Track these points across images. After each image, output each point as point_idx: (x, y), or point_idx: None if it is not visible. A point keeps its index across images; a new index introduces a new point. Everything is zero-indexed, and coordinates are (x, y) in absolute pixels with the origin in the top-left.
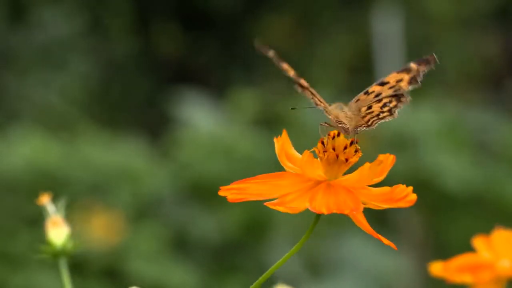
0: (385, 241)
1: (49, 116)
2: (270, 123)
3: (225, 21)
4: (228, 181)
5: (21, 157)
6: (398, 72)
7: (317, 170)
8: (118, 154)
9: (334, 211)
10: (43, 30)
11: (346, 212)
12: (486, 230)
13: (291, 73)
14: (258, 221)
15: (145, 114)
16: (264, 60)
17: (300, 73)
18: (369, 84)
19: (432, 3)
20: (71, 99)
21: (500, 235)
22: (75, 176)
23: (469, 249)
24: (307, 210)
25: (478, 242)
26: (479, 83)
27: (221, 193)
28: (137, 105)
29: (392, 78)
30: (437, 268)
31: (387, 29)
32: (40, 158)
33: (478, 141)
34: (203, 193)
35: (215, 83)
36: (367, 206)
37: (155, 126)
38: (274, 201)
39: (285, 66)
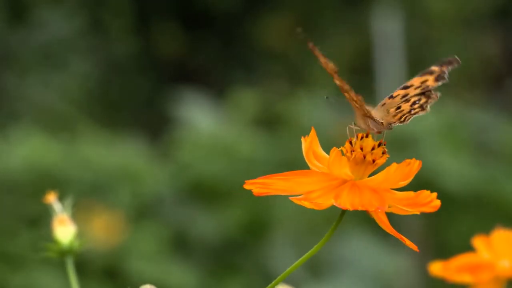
0: (407, 241)
1: (49, 116)
2: (270, 123)
3: (225, 21)
4: (228, 181)
5: (21, 157)
6: (420, 76)
7: (344, 168)
8: (118, 154)
9: (359, 208)
10: (43, 30)
11: (371, 209)
12: (486, 230)
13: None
14: (258, 221)
15: (145, 114)
16: (264, 60)
17: (300, 73)
18: (370, 84)
19: (432, 3)
20: (71, 99)
21: (499, 235)
22: (75, 176)
23: (469, 249)
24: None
25: (477, 242)
26: (479, 83)
27: (246, 186)
28: (137, 105)
29: (415, 81)
30: (437, 268)
31: (387, 29)
32: (40, 158)
33: (478, 141)
34: (203, 193)
35: (215, 83)
36: (391, 209)
37: (155, 126)
38: (300, 196)
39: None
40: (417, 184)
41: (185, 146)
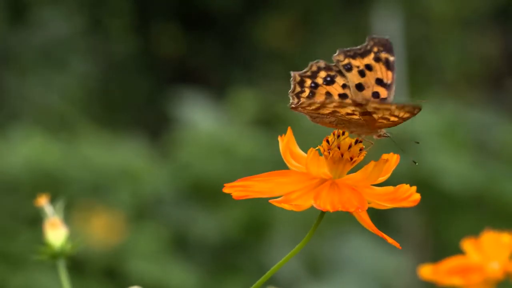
0: (389, 239)
1: (49, 116)
2: (269, 123)
3: (225, 21)
4: (227, 181)
5: (21, 157)
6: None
7: (322, 168)
8: (118, 154)
9: (339, 209)
10: (43, 30)
11: (351, 210)
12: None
13: None
14: (258, 221)
15: (145, 114)
16: (264, 60)
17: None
18: None
19: (432, 3)
20: (71, 99)
21: (489, 237)
22: (75, 176)
23: None
24: (309, 210)
25: (467, 244)
26: (479, 83)
27: (225, 190)
28: (137, 105)
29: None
30: (427, 271)
31: (387, 29)
32: (40, 158)
33: (478, 141)
34: (203, 193)
35: (215, 83)
36: (371, 205)
37: (155, 126)
38: (279, 198)
39: None
40: (417, 183)
41: (185, 146)
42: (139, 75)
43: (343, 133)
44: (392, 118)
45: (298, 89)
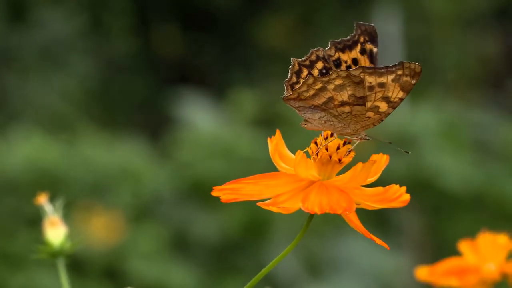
0: (377, 241)
1: (49, 117)
2: (269, 123)
3: (226, 22)
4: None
5: (21, 157)
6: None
7: (310, 170)
8: (118, 154)
9: (327, 211)
10: (43, 30)
11: (339, 212)
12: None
13: None
14: (258, 221)
15: (145, 114)
16: (264, 60)
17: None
18: None
19: (432, 3)
20: (71, 99)
21: (485, 238)
22: (75, 176)
23: None
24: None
25: (464, 245)
26: (479, 83)
27: (214, 193)
28: (137, 105)
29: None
30: (423, 272)
31: (387, 29)
32: (40, 158)
33: (478, 141)
34: (203, 193)
35: (215, 83)
36: (360, 206)
37: (155, 126)
38: (267, 201)
39: None
40: (417, 183)
41: (185, 146)
42: (139, 75)
43: (332, 135)
44: (382, 107)
45: (294, 79)
